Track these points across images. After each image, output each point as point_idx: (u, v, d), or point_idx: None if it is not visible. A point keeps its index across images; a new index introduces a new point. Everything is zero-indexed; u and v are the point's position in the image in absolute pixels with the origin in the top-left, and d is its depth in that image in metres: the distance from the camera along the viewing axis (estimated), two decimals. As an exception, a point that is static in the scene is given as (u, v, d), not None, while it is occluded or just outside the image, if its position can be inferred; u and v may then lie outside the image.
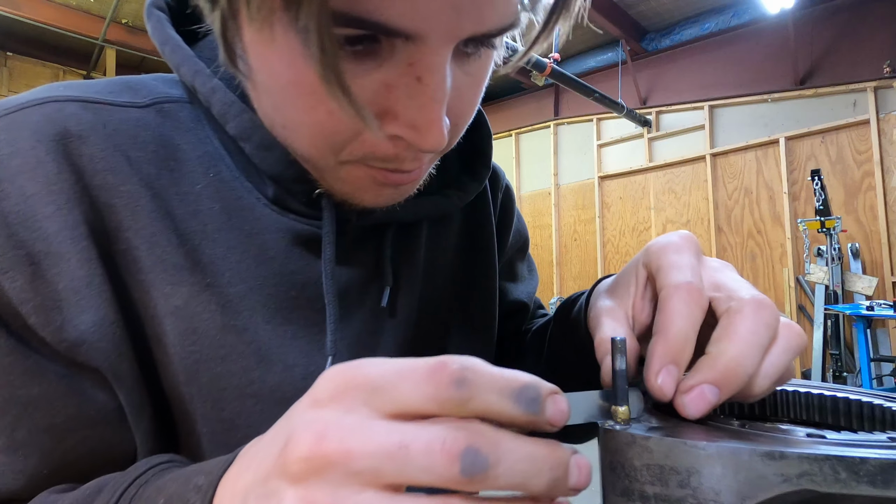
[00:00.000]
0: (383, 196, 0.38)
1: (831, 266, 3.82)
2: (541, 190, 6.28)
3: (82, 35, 5.00)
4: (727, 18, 4.89)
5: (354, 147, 0.33)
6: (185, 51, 0.38)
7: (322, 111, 0.31)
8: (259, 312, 0.39)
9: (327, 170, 0.36)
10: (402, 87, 0.30)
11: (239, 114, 0.36)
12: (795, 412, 0.34)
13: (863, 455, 0.20)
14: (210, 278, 0.37)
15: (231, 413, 0.38)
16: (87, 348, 0.33)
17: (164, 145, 0.38)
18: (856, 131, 4.29)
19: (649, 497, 0.23)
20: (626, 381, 0.26)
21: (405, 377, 0.20)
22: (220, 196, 0.39)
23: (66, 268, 0.33)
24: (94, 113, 0.36)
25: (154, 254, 0.36)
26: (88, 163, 0.34)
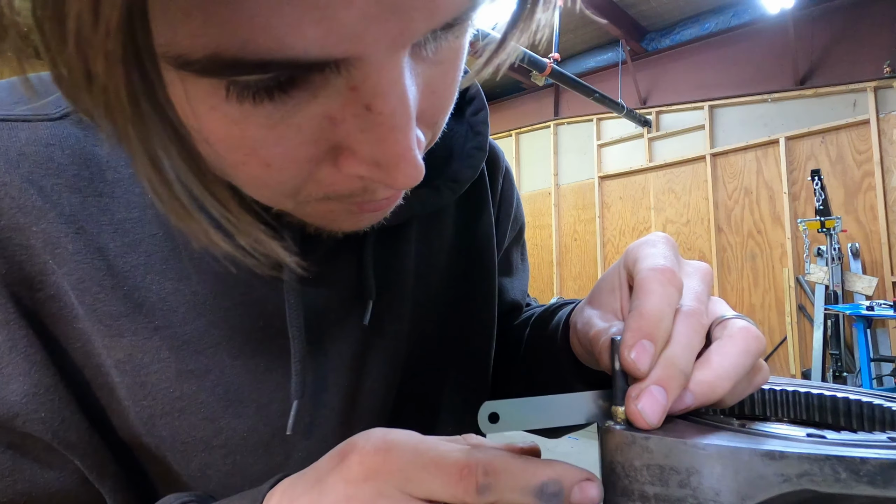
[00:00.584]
0: (364, 221, 0.32)
1: (831, 266, 3.82)
2: (541, 190, 6.28)
3: (82, 35, 5.00)
4: (727, 18, 4.88)
5: (311, 188, 0.26)
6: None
7: (255, 165, 0.24)
8: (223, 349, 0.34)
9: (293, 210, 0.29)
10: (350, 120, 0.23)
11: None
12: (795, 412, 0.34)
13: (863, 455, 0.20)
14: (158, 320, 0.32)
15: (199, 465, 0.34)
16: (22, 420, 0.29)
17: (86, 166, 0.31)
18: (856, 131, 4.29)
19: (649, 497, 0.23)
20: (626, 381, 0.26)
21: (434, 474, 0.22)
22: (162, 220, 0.32)
23: None
24: None
25: (85, 302, 0.30)
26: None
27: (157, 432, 0.33)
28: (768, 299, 4.66)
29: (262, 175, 0.25)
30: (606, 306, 0.35)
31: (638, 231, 5.50)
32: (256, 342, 0.35)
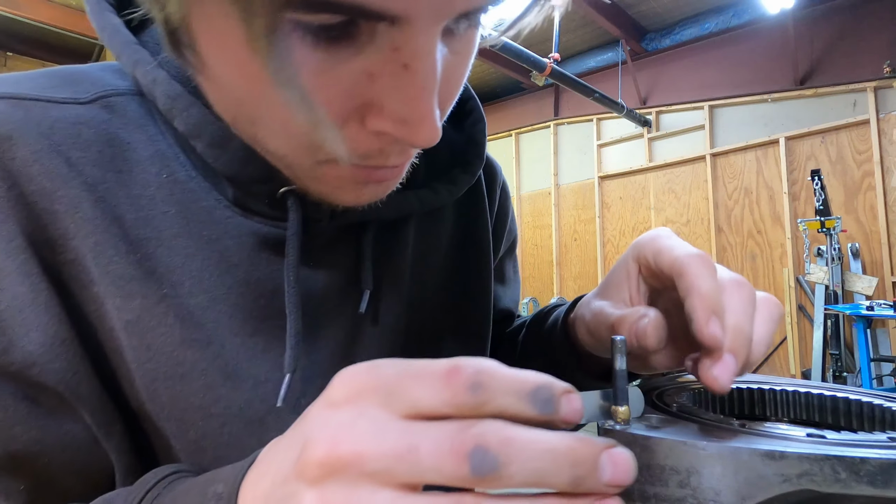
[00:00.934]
0: (364, 195, 0.34)
1: (831, 266, 3.82)
2: (541, 190, 6.28)
3: (82, 35, 5.00)
4: (727, 18, 4.88)
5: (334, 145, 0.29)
6: (125, 36, 0.34)
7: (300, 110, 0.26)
8: (224, 324, 0.36)
9: (302, 170, 0.33)
10: (387, 77, 0.26)
11: (186, 108, 0.32)
12: (795, 412, 0.34)
13: (863, 455, 0.20)
14: (167, 289, 0.34)
15: (196, 434, 0.35)
16: (38, 370, 0.31)
17: (110, 144, 0.34)
18: (856, 131, 4.29)
19: (649, 497, 0.23)
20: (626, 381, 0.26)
21: (420, 380, 0.20)
22: (175, 199, 0.35)
23: (5, 285, 0.30)
24: (25, 111, 0.32)
25: (101, 264, 0.32)
26: (21, 166, 0.31)
27: (158, 398, 0.34)
28: (768, 299, 4.66)
29: (299, 121, 0.27)
30: (616, 297, 0.37)
31: (638, 231, 5.50)
32: (256, 321, 0.37)
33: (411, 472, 0.19)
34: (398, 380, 0.21)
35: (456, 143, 0.46)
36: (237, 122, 0.32)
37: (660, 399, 0.31)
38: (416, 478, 0.19)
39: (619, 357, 0.26)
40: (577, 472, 0.19)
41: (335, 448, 0.19)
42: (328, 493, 0.19)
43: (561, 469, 0.19)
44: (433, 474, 0.19)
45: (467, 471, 0.18)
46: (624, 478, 0.19)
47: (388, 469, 0.19)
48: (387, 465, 0.19)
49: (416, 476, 0.19)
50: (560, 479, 0.19)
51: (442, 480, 0.19)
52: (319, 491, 0.20)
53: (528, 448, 0.19)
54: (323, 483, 0.20)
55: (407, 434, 0.19)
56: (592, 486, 0.19)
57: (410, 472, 0.19)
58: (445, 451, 0.19)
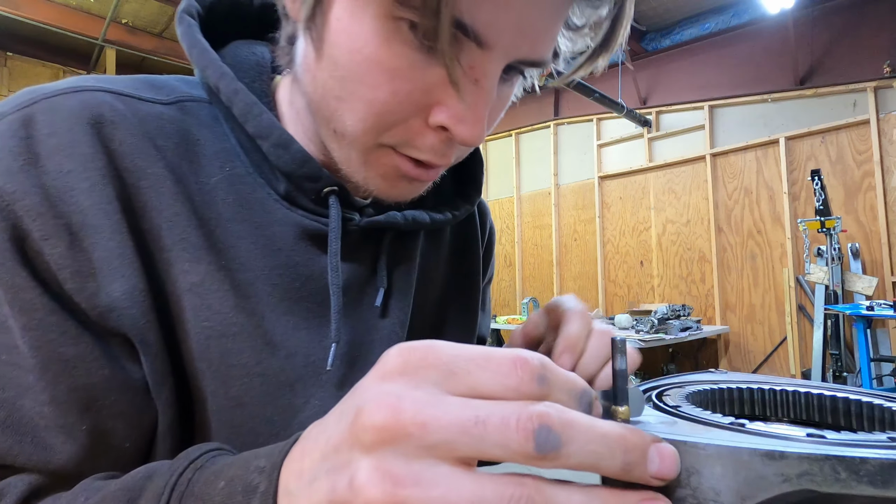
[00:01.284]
0: (397, 189, 0.41)
1: (831, 266, 3.82)
2: (541, 190, 6.28)
3: (82, 35, 5.00)
4: (727, 18, 4.89)
5: (399, 131, 0.37)
6: (212, 55, 0.42)
7: (386, 90, 0.34)
8: (265, 300, 0.41)
9: (359, 151, 0.38)
10: (460, 85, 0.34)
11: (259, 114, 0.40)
12: (795, 412, 0.34)
13: (863, 455, 0.20)
14: (224, 261, 0.40)
15: (238, 391, 0.39)
16: (117, 315, 0.35)
17: (185, 139, 0.41)
18: (856, 131, 4.29)
19: (649, 497, 0.23)
20: (627, 381, 0.26)
21: (484, 366, 0.21)
22: (234, 189, 0.42)
23: (99, 239, 0.35)
24: (124, 104, 0.39)
25: (175, 233, 0.38)
26: (119, 146, 0.37)
27: (209, 354, 0.39)
28: (768, 299, 4.66)
29: (386, 100, 0.35)
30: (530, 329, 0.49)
31: (638, 231, 5.50)
32: (290, 301, 0.43)
33: (474, 445, 0.19)
34: (459, 361, 0.21)
35: (460, 178, 0.56)
36: (325, 100, 0.38)
37: (660, 399, 0.31)
38: (477, 452, 0.19)
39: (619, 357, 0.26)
40: (629, 459, 0.20)
41: (397, 414, 0.19)
42: (385, 461, 0.19)
43: (614, 454, 0.19)
44: (497, 449, 0.19)
45: (532, 447, 0.18)
46: (670, 471, 0.20)
47: (451, 441, 0.19)
48: (449, 437, 0.19)
49: (477, 450, 0.19)
50: (613, 463, 0.20)
51: (504, 456, 0.19)
52: (376, 458, 0.19)
53: (587, 431, 0.19)
54: (379, 450, 0.19)
55: (471, 408, 0.19)
56: (641, 475, 0.20)
57: (473, 446, 0.19)
58: (512, 427, 0.19)
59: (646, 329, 4.23)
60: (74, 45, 5.33)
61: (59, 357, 0.34)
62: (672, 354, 5.11)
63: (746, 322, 4.77)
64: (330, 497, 0.20)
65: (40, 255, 0.34)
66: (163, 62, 5.69)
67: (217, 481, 0.26)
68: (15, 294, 0.33)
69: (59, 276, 0.34)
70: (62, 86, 0.38)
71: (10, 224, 0.33)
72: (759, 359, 4.69)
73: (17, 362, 0.33)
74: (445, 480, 0.19)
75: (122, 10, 5.02)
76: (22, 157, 0.34)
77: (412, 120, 0.36)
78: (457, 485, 0.19)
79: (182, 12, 0.44)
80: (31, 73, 5.43)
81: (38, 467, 0.34)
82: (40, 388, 0.33)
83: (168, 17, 5.22)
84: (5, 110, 0.36)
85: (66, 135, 0.35)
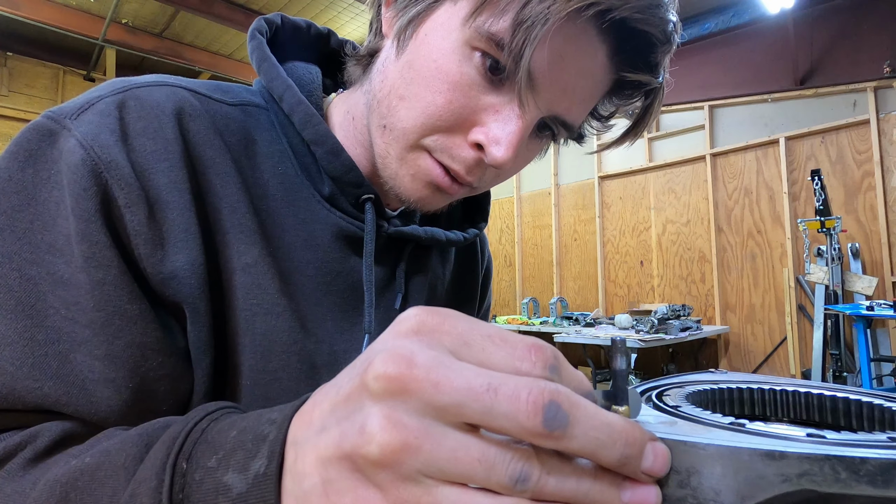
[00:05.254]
0: (422, 194, 0.45)
1: (831, 266, 3.82)
2: (541, 190, 6.28)
3: (82, 35, 5.00)
4: (727, 18, 4.89)
5: (441, 138, 0.42)
6: (280, 70, 0.48)
7: (444, 97, 0.40)
8: (300, 289, 0.45)
9: (401, 147, 0.43)
10: (503, 113, 0.41)
11: (317, 124, 0.46)
12: (795, 412, 0.34)
13: (863, 455, 0.20)
14: (272, 248, 0.44)
15: (276, 365, 0.43)
16: (177, 283, 0.39)
17: (246, 137, 0.46)
18: (856, 131, 4.29)
19: (649, 497, 0.23)
20: (627, 381, 0.26)
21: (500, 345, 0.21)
22: (283, 187, 0.47)
23: (171, 214, 0.39)
24: (199, 101, 0.44)
25: (234, 217, 0.43)
26: (195, 136, 0.42)
27: (253, 330, 0.42)
28: (768, 299, 4.66)
29: (441, 104, 0.41)
30: None
31: (638, 231, 5.50)
32: (321, 293, 0.47)
33: (483, 412, 0.19)
34: (476, 334, 0.21)
35: (469, 207, 0.64)
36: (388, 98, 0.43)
37: (660, 399, 0.31)
38: (485, 419, 0.19)
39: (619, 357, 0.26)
40: (627, 452, 0.20)
41: (410, 367, 0.19)
42: (395, 411, 0.19)
43: (615, 445, 0.20)
44: (504, 420, 0.19)
45: (539, 422, 0.19)
46: (661, 469, 0.21)
47: (460, 405, 0.19)
48: (460, 400, 0.19)
49: (486, 418, 0.19)
50: (612, 454, 0.20)
51: (510, 427, 0.19)
52: (387, 407, 0.19)
53: (594, 417, 0.20)
54: (389, 400, 0.19)
55: (483, 375, 0.19)
56: (634, 469, 0.20)
57: (482, 413, 0.19)
58: (523, 399, 0.19)
59: (646, 329, 4.23)
60: (74, 45, 5.33)
61: (124, 313, 0.37)
62: (672, 354, 5.11)
63: (746, 322, 4.77)
64: (339, 443, 0.20)
65: (121, 220, 0.38)
66: (163, 62, 5.69)
67: (230, 431, 0.27)
68: (97, 250, 0.36)
69: (133, 242, 0.38)
70: (151, 79, 0.43)
71: (102, 189, 0.37)
72: (759, 359, 4.69)
73: (76, 317, 0.36)
74: (454, 438, 0.19)
75: (122, 10, 5.02)
76: (116, 134, 0.38)
77: (456, 131, 0.42)
78: (465, 443, 0.19)
79: (254, 30, 0.50)
80: (31, 73, 5.43)
81: (84, 417, 0.36)
82: (97, 343, 0.36)
83: (168, 16, 5.22)
84: (102, 94, 0.41)
85: (154, 120, 0.40)
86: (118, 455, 0.29)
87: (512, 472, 0.19)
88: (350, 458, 0.20)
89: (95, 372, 0.36)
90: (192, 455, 0.26)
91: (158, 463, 0.27)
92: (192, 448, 0.27)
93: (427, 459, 0.19)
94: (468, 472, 0.19)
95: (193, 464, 0.26)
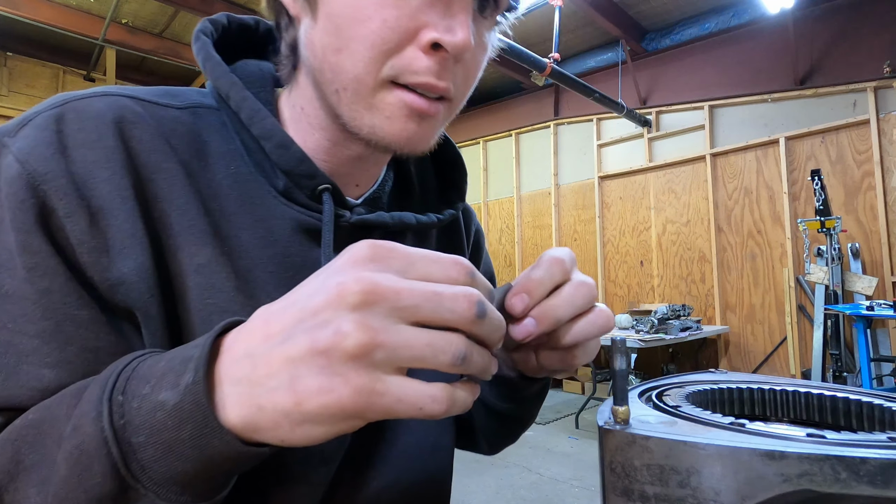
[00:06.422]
0: (407, 131, 0.44)
1: (831, 266, 3.82)
2: (541, 190, 6.28)
3: (82, 35, 5.00)
4: (727, 18, 4.89)
5: (395, 61, 0.41)
6: (224, 67, 0.48)
7: (377, 20, 0.40)
8: (261, 286, 0.45)
9: (363, 97, 0.43)
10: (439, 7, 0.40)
11: (263, 118, 0.45)
12: (795, 412, 0.34)
13: (863, 455, 0.20)
14: (227, 248, 0.44)
15: None
16: (126, 288, 0.39)
17: (195, 140, 0.46)
18: (856, 131, 4.29)
19: (649, 497, 0.23)
20: (627, 381, 0.26)
21: (434, 262, 0.29)
22: (237, 186, 0.46)
23: (114, 221, 0.40)
24: (143, 107, 0.44)
25: (184, 220, 0.43)
26: (138, 144, 0.43)
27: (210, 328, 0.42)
28: (768, 299, 4.66)
29: (378, 30, 0.40)
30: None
31: (638, 231, 5.50)
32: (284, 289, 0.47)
33: (433, 310, 0.27)
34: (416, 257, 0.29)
35: (444, 185, 0.62)
36: (324, 61, 0.43)
37: (660, 399, 0.31)
38: (435, 315, 0.27)
39: (619, 357, 0.26)
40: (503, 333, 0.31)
41: (377, 283, 0.26)
42: (366, 317, 0.26)
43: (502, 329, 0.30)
44: (449, 314, 0.27)
45: (474, 313, 0.28)
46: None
47: (416, 305, 0.27)
48: (416, 302, 0.27)
49: (435, 314, 0.27)
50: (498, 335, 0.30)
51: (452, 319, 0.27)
52: (359, 314, 0.26)
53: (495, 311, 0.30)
54: (362, 309, 0.26)
55: (430, 285, 0.28)
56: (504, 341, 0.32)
57: (432, 310, 0.27)
58: (461, 298, 0.28)
59: (646, 329, 4.23)
60: (74, 45, 5.33)
61: (74, 319, 0.38)
62: (672, 354, 5.11)
63: (746, 322, 4.77)
64: (311, 346, 0.26)
65: (62, 230, 0.38)
66: (163, 62, 5.69)
67: (159, 363, 0.31)
68: (39, 259, 0.37)
69: (77, 250, 0.38)
70: (92, 91, 0.44)
71: (40, 201, 0.38)
72: (759, 359, 4.69)
73: (24, 329, 0.37)
74: (409, 332, 0.27)
75: (122, 10, 5.02)
76: (53, 146, 0.39)
77: (405, 46, 0.41)
78: (417, 334, 0.27)
79: (198, 31, 0.50)
80: (31, 73, 5.43)
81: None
82: (47, 351, 0.37)
83: (168, 16, 5.22)
84: (41, 109, 0.41)
85: (93, 131, 0.41)
86: (58, 407, 0.33)
87: (455, 352, 0.27)
88: (325, 353, 0.26)
89: (44, 380, 0.36)
90: (126, 389, 0.30)
91: (95, 398, 0.30)
92: (125, 384, 0.30)
93: (389, 350, 0.26)
94: (421, 355, 0.27)
95: (129, 395, 0.30)
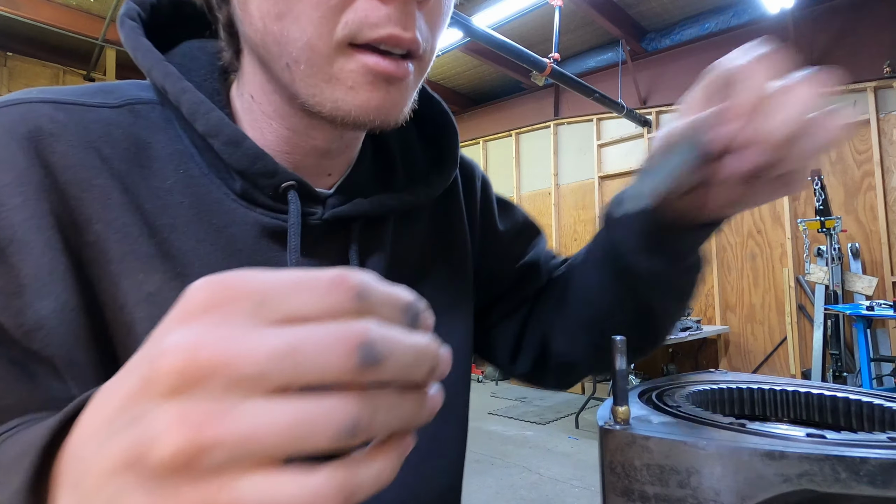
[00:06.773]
0: (375, 99, 0.37)
1: (831, 266, 3.82)
2: (541, 190, 6.28)
3: (82, 35, 5.00)
4: (727, 18, 4.88)
5: (350, 17, 0.35)
6: (156, 55, 0.41)
7: None
8: None
9: (320, 69, 0.36)
10: None
11: (208, 112, 0.39)
12: (795, 412, 0.34)
13: (863, 455, 0.20)
14: (180, 268, 0.39)
15: None
16: (44, 334, 0.34)
17: (135, 143, 0.40)
18: (856, 131, 4.29)
19: (649, 497, 0.23)
20: (627, 381, 0.26)
21: (301, 287, 0.19)
22: (189, 191, 0.40)
23: (28, 255, 0.34)
24: (66, 113, 0.38)
25: (125, 244, 0.37)
26: (60, 159, 0.36)
27: None
28: (768, 299, 4.66)
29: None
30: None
31: (638, 231, 5.51)
32: None
33: (291, 372, 0.17)
34: (271, 288, 0.19)
35: (432, 150, 0.53)
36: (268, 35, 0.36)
37: (660, 399, 0.31)
38: (295, 378, 0.18)
39: (619, 357, 0.26)
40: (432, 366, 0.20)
41: (195, 354, 0.17)
42: (185, 406, 0.17)
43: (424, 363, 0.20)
44: (317, 370, 0.18)
45: (355, 362, 0.18)
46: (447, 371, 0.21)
47: (263, 373, 0.17)
48: (261, 369, 0.17)
49: (295, 376, 0.18)
50: (422, 371, 0.20)
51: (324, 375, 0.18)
52: (175, 404, 0.17)
53: (402, 343, 0.19)
54: (178, 397, 0.17)
55: (284, 335, 0.18)
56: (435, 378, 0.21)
57: (290, 373, 0.17)
58: (333, 345, 0.18)
59: (646, 329, 4.23)
60: (74, 45, 5.33)
61: None
62: (672, 354, 5.11)
63: (746, 322, 4.77)
64: (124, 455, 0.18)
65: None
66: (163, 62, 5.69)
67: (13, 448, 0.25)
68: None
69: None
70: (4, 99, 0.37)
71: None
72: (759, 359, 4.69)
73: None
74: (256, 411, 0.17)
75: (122, 10, 5.02)
76: None
77: (357, 3, 0.35)
78: (270, 414, 0.17)
79: (123, 16, 0.43)
80: (31, 73, 5.43)
81: None
82: None
83: (168, 17, 5.22)
84: None
85: (1, 150, 0.35)
86: None
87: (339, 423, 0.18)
88: (134, 468, 0.18)
89: None
90: None
91: None
92: None
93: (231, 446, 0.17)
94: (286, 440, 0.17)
95: None
